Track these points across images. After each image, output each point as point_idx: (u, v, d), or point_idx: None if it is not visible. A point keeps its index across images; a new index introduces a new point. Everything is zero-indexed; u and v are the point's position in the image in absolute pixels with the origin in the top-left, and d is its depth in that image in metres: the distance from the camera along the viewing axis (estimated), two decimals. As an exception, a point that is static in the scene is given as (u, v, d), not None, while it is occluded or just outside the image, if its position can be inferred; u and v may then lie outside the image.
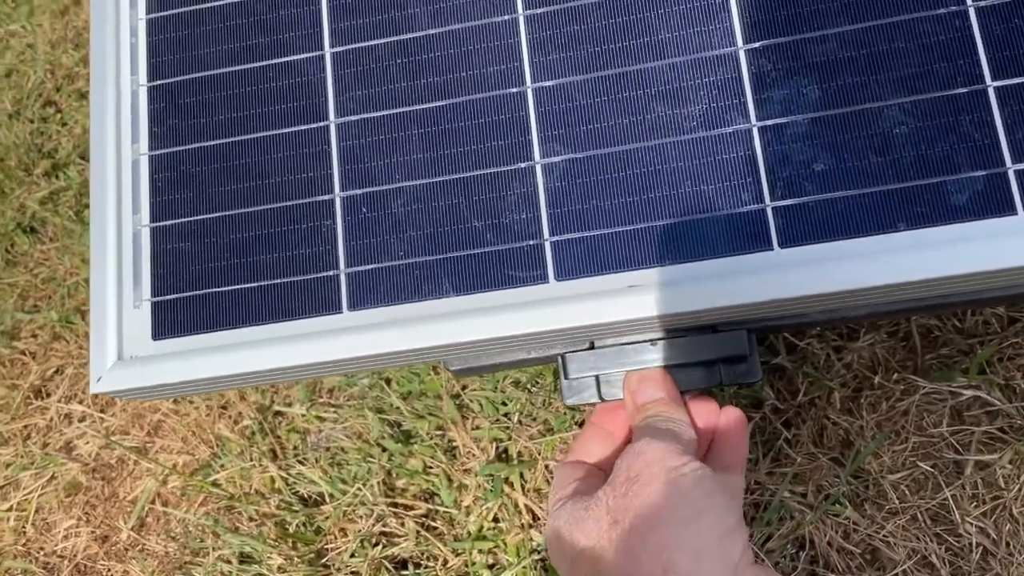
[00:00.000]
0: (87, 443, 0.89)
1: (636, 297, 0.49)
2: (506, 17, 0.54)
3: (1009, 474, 0.71)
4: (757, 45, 0.51)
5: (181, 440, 0.86)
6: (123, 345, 0.54)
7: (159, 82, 0.58)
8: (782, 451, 0.75)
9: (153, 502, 0.84)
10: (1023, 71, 0.48)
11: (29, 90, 1.21)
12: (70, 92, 1.22)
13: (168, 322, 0.54)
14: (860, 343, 0.78)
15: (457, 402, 0.79)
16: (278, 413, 0.85)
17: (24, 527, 0.85)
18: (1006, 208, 0.47)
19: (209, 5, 0.58)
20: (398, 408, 0.81)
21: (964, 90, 0.48)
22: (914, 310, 0.54)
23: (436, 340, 0.51)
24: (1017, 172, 0.47)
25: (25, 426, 0.91)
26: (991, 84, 0.48)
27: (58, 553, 0.84)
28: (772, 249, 0.49)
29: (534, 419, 0.78)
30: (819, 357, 0.78)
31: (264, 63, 0.57)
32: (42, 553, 0.84)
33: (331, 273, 0.53)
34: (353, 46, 0.56)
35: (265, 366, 0.52)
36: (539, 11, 0.54)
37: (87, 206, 1.07)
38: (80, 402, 0.92)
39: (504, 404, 0.78)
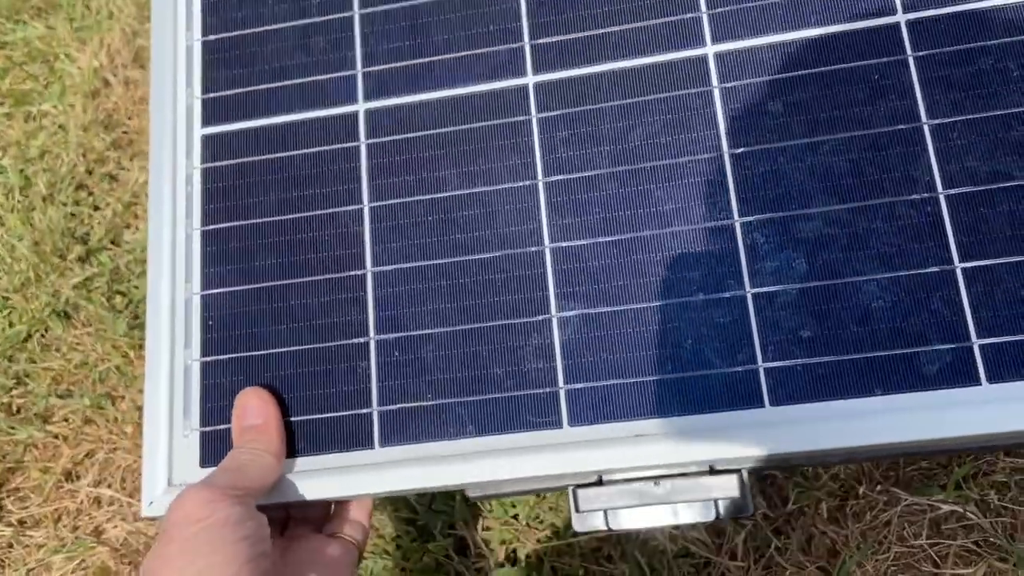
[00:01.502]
0: (115, 527, 0.94)
1: (641, 445, 0.55)
2: (527, 183, 0.61)
3: (984, 588, 0.77)
4: (751, 219, 0.57)
5: (205, 528, 0.91)
6: (172, 472, 0.60)
7: (211, 227, 0.64)
8: (772, 559, 0.80)
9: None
10: (987, 255, 0.54)
11: (63, 174, 1.28)
12: (101, 175, 1.29)
13: (215, 451, 0.60)
14: (847, 455, 0.83)
15: (469, 503, 0.85)
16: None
17: (53, 610, 0.90)
18: (971, 379, 0.53)
19: (259, 158, 0.64)
20: (413, 506, 0.86)
21: (935, 269, 0.55)
22: (889, 456, 0.60)
23: (458, 479, 0.56)
24: (981, 347, 0.53)
25: (56, 509, 0.96)
26: (959, 265, 0.54)
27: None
28: (764, 407, 0.55)
29: (541, 522, 0.83)
30: (808, 468, 0.83)
31: (307, 214, 0.63)
32: (69, 636, 0.89)
33: (365, 411, 0.59)
34: (389, 202, 0.62)
35: (304, 495, 0.58)
36: (557, 178, 0.60)
37: (119, 292, 1.13)
38: (109, 486, 0.97)
39: (513, 506, 0.84)
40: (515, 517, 0.83)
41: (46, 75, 1.44)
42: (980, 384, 0.52)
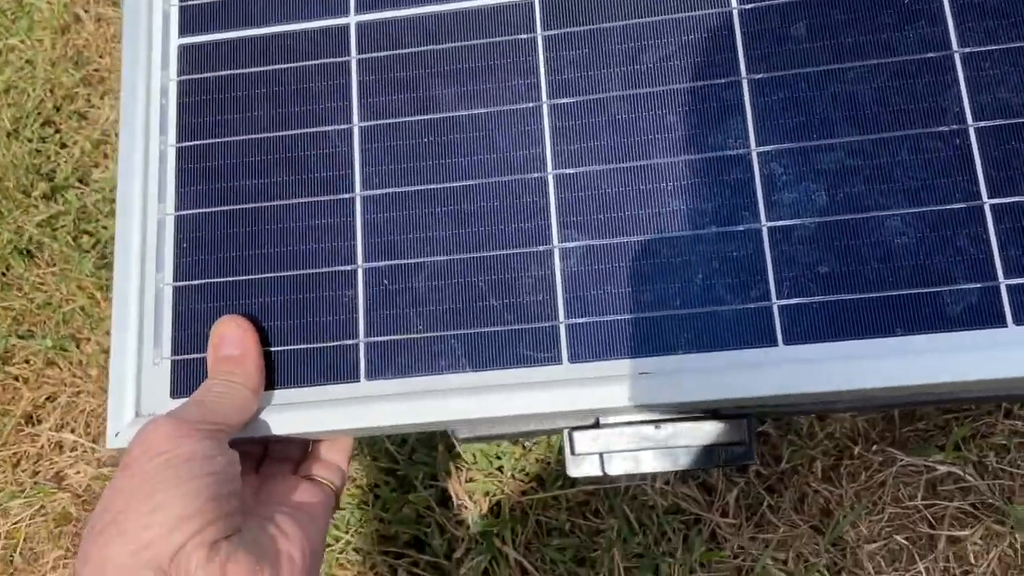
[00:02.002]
0: (78, 473, 0.89)
1: (645, 383, 0.52)
2: (530, 104, 0.57)
3: (979, 550, 0.75)
4: (769, 149, 0.54)
5: (173, 476, 0.86)
6: (141, 402, 0.56)
7: (188, 143, 0.59)
8: (765, 517, 0.78)
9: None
10: (1017, 191, 0.51)
11: (29, 109, 1.21)
12: (69, 113, 1.23)
13: (187, 381, 0.56)
14: (843, 414, 0.81)
15: (451, 452, 0.81)
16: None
17: (12, 556, 0.85)
18: (997, 320, 0.50)
19: (241, 71, 0.60)
20: (393, 454, 0.82)
21: (962, 205, 0.51)
22: (902, 405, 0.57)
23: (450, 415, 0.53)
24: (1009, 287, 0.50)
25: (15, 453, 0.91)
26: (987, 201, 0.51)
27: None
28: (777, 346, 0.51)
29: (527, 475, 0.79)
30: (803, 426, 0.81)
31: (292, 132, 0.58)
32: (28, 584, 0.84)
33: (351, 342, 0.55)
34: (381, 122, 0.58)
35: (282, 430, 0.54)
36: (562, 101, 0.56)
37: (85, 232, 1.07)
38: (72, 431, 0.92)
39: (498, 458, 0.80)
40: (500, 469, 0.80)
41: (14, 9, 1.36)
42: (1007, 326, 0.50)
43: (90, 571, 0.41)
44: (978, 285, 0.50)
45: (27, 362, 0.97)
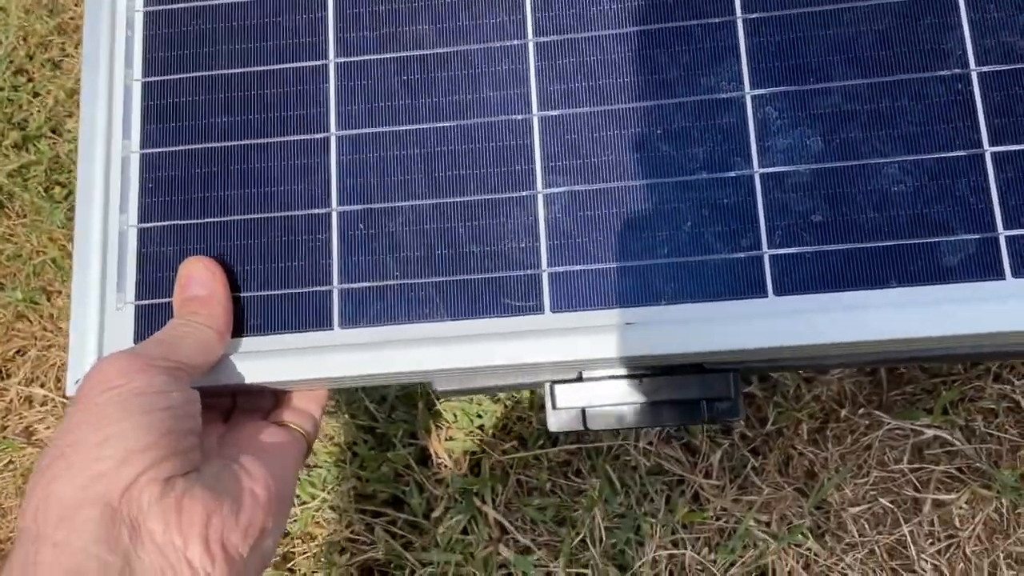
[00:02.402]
0: (48, 428, 0.87)
1: (630, 334, 0.50)
2: (515, 42, 0.54)
3: (965, 514, 0.74)
4: (763, 92, 0.52)
5: (146, 431, 0.84)
6: (103, 347, 0.53)
7: (154, 78, 0.56)
8: (748, 479, 0.76)
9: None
10: (1020, 139, 0.49)
11: (1, 57, 1.17)
12: (43, 61, 1.19)
13: (152, 326, 0.53)
14: (829, 376, 0.80)
15: (432, 410, 0.79)
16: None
17: (-22, 512, 0.83)
18: (995, 273, 0.48)
19: (210, 3, 0.57)
20: (372, 412, 0.80)
21: (963, 153, 0.49)
22: (893, 361, 0.56)
23: (427, 364, 0.51)
24: (1008, 238, 0.48)
25: (-18, 407, 0.89)
26: (988, 149, 0.49)
27: (12, 539, 0.82)
28: (767, 296, 0.50)
29: (508, 433, 0.78)
30: (789, 388, 0.79)
31: (264, 68, 0.55)
32: (-4, 539, 0.82)
33: (324, 288, 0.53)
34: (358, 58, 0.55)
35: (247, 378, 0.52)
36: (549, 39, 0.54)
37: (58, 183, 1.04)
38: (42, 385, 0.90)
39: (479, 416, 0.79)
40: (480, 428, 0.78)
41: (-16, -48, 1.31)
42: (1004, 279, 0.48)
43: (33, 506, 0.38)
44: (976, 236, 0.48)
45: (-4, 315, 0.94)
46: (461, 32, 0.55)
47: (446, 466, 0.76)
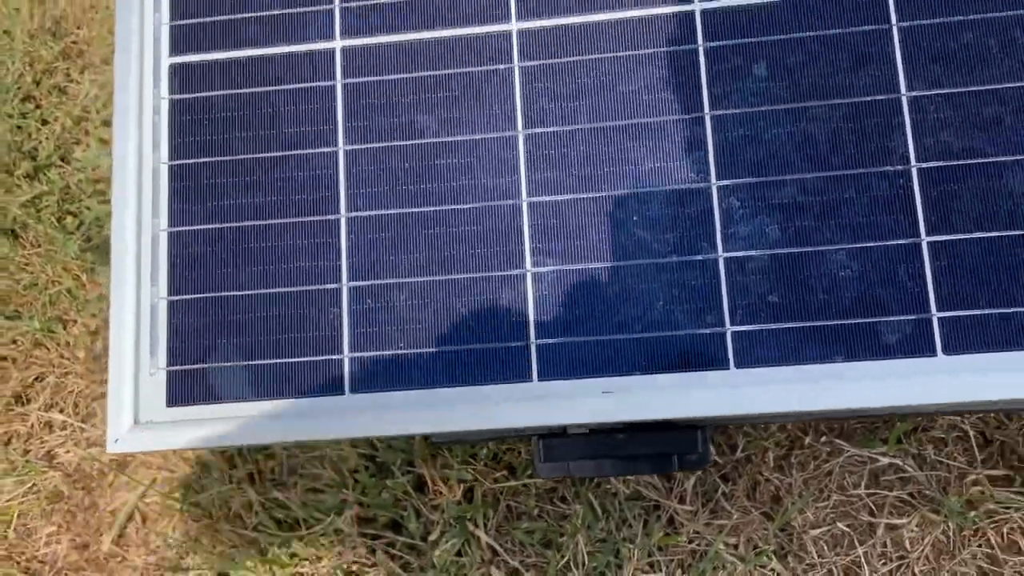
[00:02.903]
0: (68, 452, 0.93)
1: (607, 401, 0.56)
2: (507, 134, 0.60)
3: (915, 537, 0.81)
4: (728, 183, 0.58)
5: (162, 456, 0.91)
6: (139, 410, 0.59)
7: (180, 162, 0.62)
8: (719, 503, 0.83)
9: (131, 516, 0.89)
10: (954, 230, 0.56)
11: (8, 84, 1.21)
12: (49, 88, 1.23)
13: (181, 391, 0.59)
14: (796, 407, 0.86)
15: (428, 441, 0.86)
16: (256, 436, 0.90)
17: (6, 532, 0.90)
18: (928, 350, 0.55)
19: (230, 92, 0.62)
20: (372, 443, 0.87)
21: (903, 242, 0.56)
22: (842, 418, 0.62)
23: (427, 427, 0.57)
24: (940, 319, 0.55)
25: (6, 432, 0.95)
26: (925, 239, 0.56)
27: (39, 559, 0.89)
28: (728, 369, 0.56)
29: (499, 462, 0.84)
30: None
31: (280, 153, 0.61)
32: (23, 558, 0.89)
33: (336, 357, 0.59)
34: (366, 146, 0.61)
35: (270, 439, 0.58)
36: (537, 131, 0.60)
37: (69, 212, 1.09)
38: (61, 411, 0.96)
39: (472, 447, 0.85)
40: (473, 457, 0.85)
41: (-13, -26, 1.35)
42: (936, 355, 0.55)
43: None
44: (913, 317, 0.55)
45: (14, 343, 0.99)
46: (459, 123, 0.60)
47: (441, 493, 0.83)
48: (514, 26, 0.61)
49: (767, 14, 0.59)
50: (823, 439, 0.86)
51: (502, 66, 0.61)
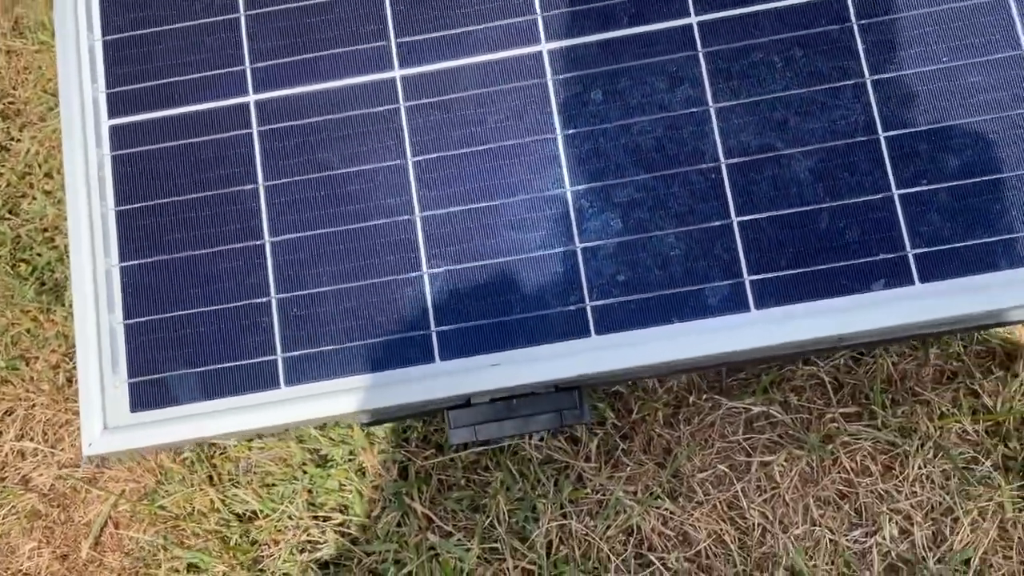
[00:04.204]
0: (41, 475, 1.03)
1: (498, 372, 0.70)
2: (399, 161, 0.73)
3: (784, 470, 0.96)
4: (579, 188, 0.72)
5: (127, 470, 1.01)
6: (107, 417, 0.71)
7: (125, 207, 0.74)
8: (619, 459, 0.97)
9: (106, 524, 0.99)
10: (757, 210, 0.70)
11: (-48, 145, 1.30)
12: (-10, 145, 1.32)
13: (142, 398, 0.71)
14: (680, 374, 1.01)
15: (366, 431, 0.98)
16: (213, 444, 1.01)
17: (-10, 552, 0.99)
18: (743, 307, 0.69)
19: (162, 146, 0.74)
20: (316, 437, 0.99)
21: (718, 223, 0.70)
22: (688, 370, 0.77)
23: (355, 406, 0.70)
24: (751, 282, 0.69)
25: (-19, 464, 1.04)
26: (735, 219, 0.70)
27: (23, 572, 0.99)
28: (591, 336, 0.70)
29: (428, 443, 0.97)
30: (648, 384, 1.00)
31: (210, 193, 0.73)
32: (8, 572, 0.98)
33: (271, 358, 0.71)
34: (282, 181, 0.73)
35: (221, 431, 0.70)
36: (423, 157, 0.73)
37: (23, 260, 1.19)
38: (31, 440, 1.05)
39: (404, 431, 0.98)
40: (406, 440, 0.97)
41: (-82, 42, 1.43)
42: (750, 311, 0.69)
43: None
44: (730, 282, 0.70)
45: (-19, 382, 1.09)
46: (359, 156, 0.73)
47: (380, 474, 0.95)
48: (397, 73, 0.74)
49: (600, 48, 0.73)
50: (704, 396, 1.00)
51: (390, 106, 0.74)
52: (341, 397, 0.70)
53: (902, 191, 0.69)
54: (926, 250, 0.68)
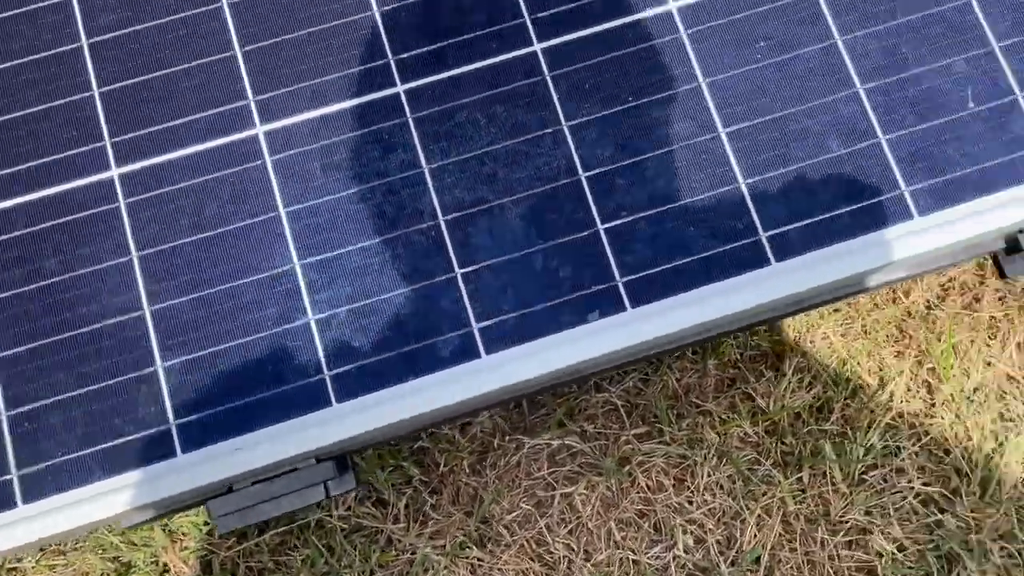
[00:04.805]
0: None
1: (241, 456, 0.70)
2: (123, 259, 0.73)
3: (585, 498, 0.99)
4: (307, 261, 0.73)
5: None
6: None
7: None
8: (428, 515, 0.98)
9: None
10: (475, 262, 0.73)
11: None
12: None
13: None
14: (481, 417, 1.03)
15: (167, 530, 0.96)
16: (11, 570, 0.97)
17: None
18: (475, 355, 0.72)
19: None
20: (117, 545, 0.96)
21: (443, 278, 0.73)
22: (435, 424, 0.79)
23: (103, 513, 0.68)
24: (480, 329, 0.72)
25: None
26: (458, 272, 0.73)
27: None
28: (332, 406, 0.71)
29: (232, 532, 0.96)
30: (450, 435, 1.02)
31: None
32: None
33: (6, 477, 0.69)
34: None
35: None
36: (148, 251, 0.73)
37: None
38: None
39: (206, 524, 0.96)
40: (209, 533, 0.95)
41: None
42: (481, 357, 0.72)
43: None
44: (459, 332, 0.72)
45: None
46: (80, 259, 0.73)
47: (184, 573, 0.93)
48: (115, 172, 0.75)
49: (316, 124, 0.75)
50: (508, 438, 1.02)
51: (109, 207, 0.74)
52: (84, 506, 0.68)
53: (606, 225, 0.73)
54: (633, 277, 0.72)
